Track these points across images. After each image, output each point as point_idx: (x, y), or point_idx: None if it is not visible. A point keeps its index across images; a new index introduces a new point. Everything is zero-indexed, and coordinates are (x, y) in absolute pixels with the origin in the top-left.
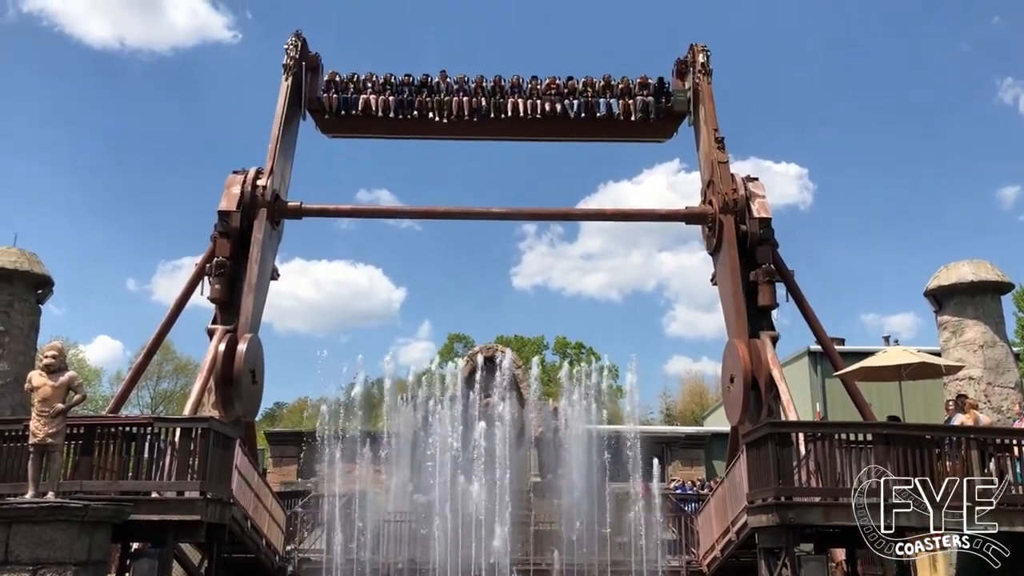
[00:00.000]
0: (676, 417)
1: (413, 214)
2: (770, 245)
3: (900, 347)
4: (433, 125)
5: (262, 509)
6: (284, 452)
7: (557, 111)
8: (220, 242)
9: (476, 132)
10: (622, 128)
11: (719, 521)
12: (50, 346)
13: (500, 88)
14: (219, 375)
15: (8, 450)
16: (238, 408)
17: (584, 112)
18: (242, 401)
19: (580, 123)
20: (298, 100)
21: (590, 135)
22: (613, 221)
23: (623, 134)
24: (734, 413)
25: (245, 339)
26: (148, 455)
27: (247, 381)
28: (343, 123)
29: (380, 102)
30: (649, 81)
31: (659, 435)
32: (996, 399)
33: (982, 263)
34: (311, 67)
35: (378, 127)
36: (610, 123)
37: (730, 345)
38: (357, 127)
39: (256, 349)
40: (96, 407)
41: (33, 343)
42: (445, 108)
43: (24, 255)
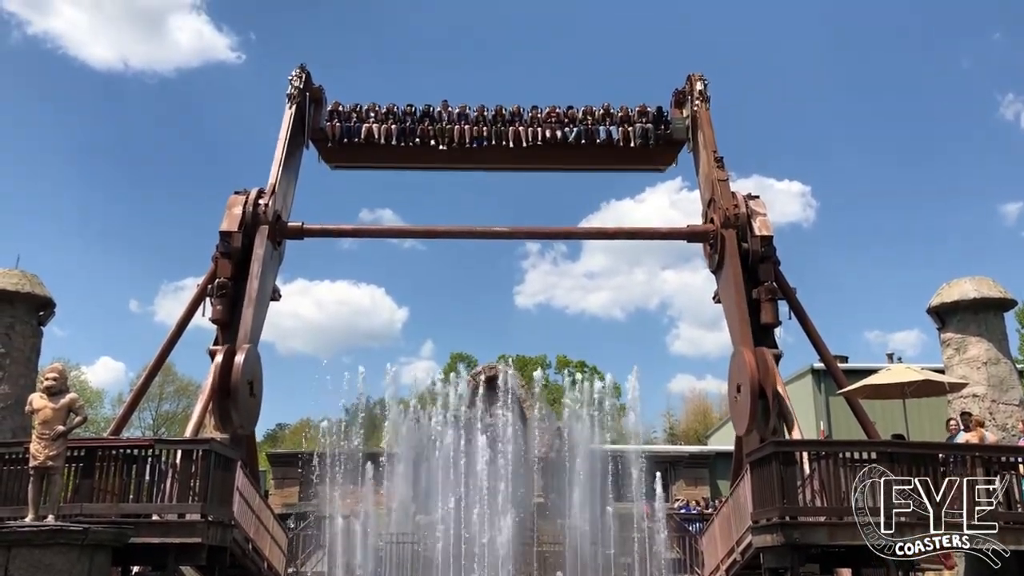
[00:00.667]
0: (680, 436)
1: (415, 234)
2: (772, 263)
3: (903, 365)
4: (435, 153)
5: (263, 531)
6: (286, 473)
7: (557, 138)
8: (222, 263)
9: (478, 160)
10: (622, 156)
11: (724, 541)
12: (51, 368)
13: (501, 116)
14: (216, 386)
15: (8, 473)
16: (235, 420)
17: (584, 139)
18: (239, 413)
19: (580, 150)
20: (301, 128)
21: (590, 163)
22: (615, 240)
23: (623, 162)
24: (741, 423)
25: (243, 350)
26: (149, 477)
27: (244, 393)
28: (346, 151)
29: (383, 130)
30: (648, 109)
31: (663, 454)
32: (1000, 416)
33: (984, 280)
34: (315, 99)
35: (381, 155)
36: (610, 150)
37: (737, 354)
38: (360, 155)
39: (254, 361)
40: (97, 429)
41: (34, 365)
42: (447, 135)
43: (26, 277)
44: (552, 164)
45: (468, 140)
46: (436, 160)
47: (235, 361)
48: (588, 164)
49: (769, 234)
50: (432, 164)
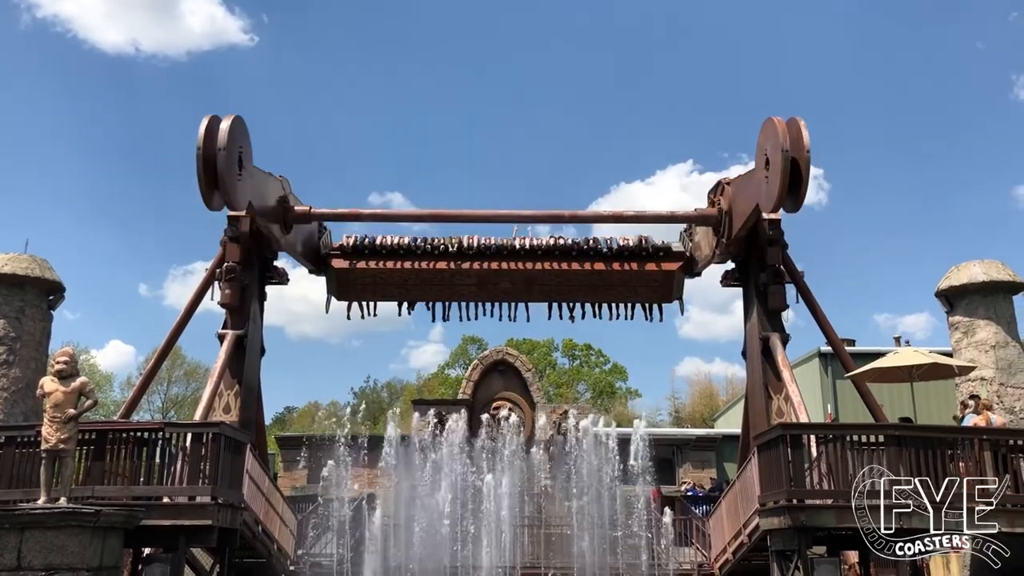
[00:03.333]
0: (686, 419)
1: (422, 218)
2: (779, 246)
3: (911, 348)
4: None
5: (273, 514)
6: (295, 456)
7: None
8: (230, 247)
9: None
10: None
11: (731, 523)
12: (61, 352)
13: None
14: (203, 155)
15: (20, 456)
16: (218, 200)
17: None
18: (227, 191)
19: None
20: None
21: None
22: (623, 223)
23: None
24: (769, 200)
25: (229, 117)
26: (160, 460)
27: (232, 164)
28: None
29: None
30: (660, 246)
31: (670, 438)
32: (1009, 399)
33: (993, 263)
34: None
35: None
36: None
37: (767, 122)
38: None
39: (241, 130)
40: (107, 412)
41: (45, 349)
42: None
43: (35, 261)
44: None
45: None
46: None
47: (220, 127)
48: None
49: (777, 218)
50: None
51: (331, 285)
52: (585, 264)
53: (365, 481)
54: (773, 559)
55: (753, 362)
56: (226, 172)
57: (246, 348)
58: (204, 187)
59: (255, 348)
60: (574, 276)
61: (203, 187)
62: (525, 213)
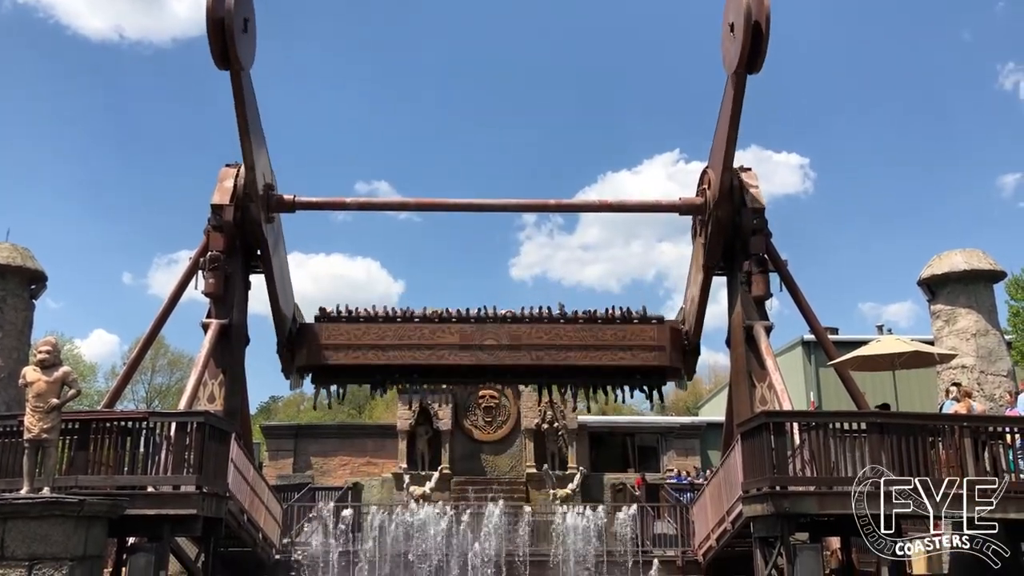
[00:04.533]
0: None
1: (407, 206)
2: (763, 235)
3: (893, 336)
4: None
5: (258, 503)
6: (280, 446)
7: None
8: (214, 236)
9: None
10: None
11: (714, 510)
12: (44, 341)
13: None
14: (212, 14)
15: (3, 446)
16: (232, 63)
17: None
18: (237, 49)
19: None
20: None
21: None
22: (608, 212)
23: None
24: (731, 62)
25: None
26: (144, 450)
27: (239, 26)
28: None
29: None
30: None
31: (654, 425)
32: (989, 387)
33: (974, 252)
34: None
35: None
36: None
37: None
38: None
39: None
40: (91, 402)
41: (27, 339)
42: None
43: (17, 250)
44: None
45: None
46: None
47: None
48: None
49: (761, 206)
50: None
51: (301, 354)
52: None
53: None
54: (756, 545)
55: (737, 351)
56: (234, 33)
57: (231, 337)
58: (215, 48)
59: (240, 337)
60: (563, 333)
61: (214, 48)
62: (511, 202)
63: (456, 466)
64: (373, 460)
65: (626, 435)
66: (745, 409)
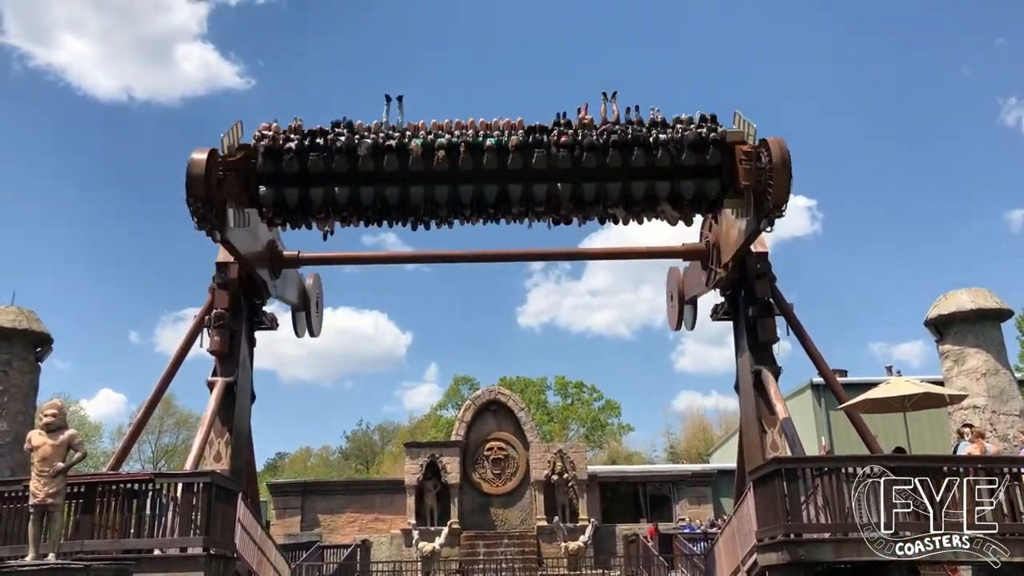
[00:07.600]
0: (681, 455)
1: (411, 259)
2: (768, 279)
3: (903, 378)
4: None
5: (266, 562)
6: (287, 503)
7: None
8: (219, 294)
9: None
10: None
11: (728, 560)
12: (49, 404)
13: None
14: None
15: (8, 512)
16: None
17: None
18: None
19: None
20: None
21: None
22: (613, 259)
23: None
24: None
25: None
26: (150, 511)
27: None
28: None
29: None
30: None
31: (665, 474)
32: (1001, 427)
33: (980, 291)
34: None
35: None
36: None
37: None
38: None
39: None
40: (97, 463)
41: (32, 402)
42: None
43: (23, 313)
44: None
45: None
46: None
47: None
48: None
49: (765, 251)
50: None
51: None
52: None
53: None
54: None
55: (746, 396)
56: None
57: (236, 395)
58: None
59: (245, 395)
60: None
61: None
62: (516, 252)
63: (465, 520)
64: (381, 516)
65: (638, 484)
66: (756, 455)
